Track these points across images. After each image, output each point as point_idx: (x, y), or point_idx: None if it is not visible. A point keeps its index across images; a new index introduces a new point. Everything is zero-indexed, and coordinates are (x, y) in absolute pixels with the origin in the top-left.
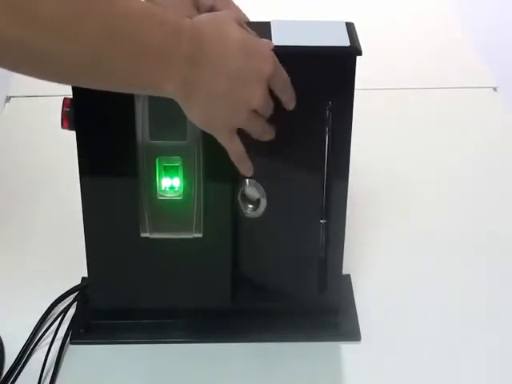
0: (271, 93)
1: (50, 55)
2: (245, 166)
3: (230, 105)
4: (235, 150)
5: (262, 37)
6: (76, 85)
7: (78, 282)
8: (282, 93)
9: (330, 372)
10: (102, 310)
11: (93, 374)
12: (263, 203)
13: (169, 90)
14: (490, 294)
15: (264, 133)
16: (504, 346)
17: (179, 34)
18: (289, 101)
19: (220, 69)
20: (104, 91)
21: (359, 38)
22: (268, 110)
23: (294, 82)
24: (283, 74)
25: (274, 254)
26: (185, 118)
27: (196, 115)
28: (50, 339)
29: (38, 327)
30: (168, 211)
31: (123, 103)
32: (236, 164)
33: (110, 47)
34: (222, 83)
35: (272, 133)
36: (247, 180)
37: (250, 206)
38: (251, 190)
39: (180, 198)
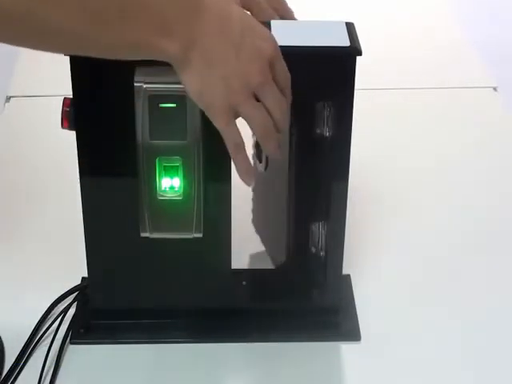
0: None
1: (51, 21)
2: (241, 158)
3: (227, 76)
4: (231, 137)
5: None
6: (77, 52)
7: (78, 282)
8: (282, 85)
9: (330, 372)
10: (102, 310)
11: (93, 374)
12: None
13: (168, 50)
14: (490, 293)
15: (267, 133)
16: (504, 346)
17: None
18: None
19: (219, 33)
20: (103, 90)
21: (359, 37)
22: (269, 96)
23: (294, 82)
24: (284, 65)
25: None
26: (185, 117)
27: (192, 84)
28: (50, 339)
29: (38, 327)
30: (168, 211)
31: (123, 103)
32: (232, 155)
33: (110, 8)
34: (220, 48)
35: (277, 150)
36: None
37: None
38: None
39: (180, 198)
